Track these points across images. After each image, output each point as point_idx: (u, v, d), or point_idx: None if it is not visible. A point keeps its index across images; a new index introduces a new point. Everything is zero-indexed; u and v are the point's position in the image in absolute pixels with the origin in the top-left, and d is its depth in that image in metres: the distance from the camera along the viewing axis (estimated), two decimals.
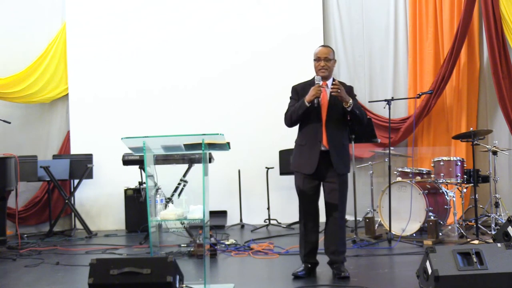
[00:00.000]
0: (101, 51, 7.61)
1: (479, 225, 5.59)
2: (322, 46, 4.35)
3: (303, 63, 7.56)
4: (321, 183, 4.24)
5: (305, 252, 4.30)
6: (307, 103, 4.10)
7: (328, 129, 4.15)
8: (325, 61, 4.20)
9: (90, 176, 7.21)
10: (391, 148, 6.02)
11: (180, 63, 7.64)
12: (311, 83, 4.24)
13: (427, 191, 5.81)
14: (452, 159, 5.94)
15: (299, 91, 4.29)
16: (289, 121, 4.27)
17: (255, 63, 7.64)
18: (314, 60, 4.26)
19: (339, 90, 4.04)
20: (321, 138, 4.14)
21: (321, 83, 4.13)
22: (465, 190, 6.11)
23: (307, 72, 7.55)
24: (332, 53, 4.26)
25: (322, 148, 4.13)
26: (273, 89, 7.60)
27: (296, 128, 7.72)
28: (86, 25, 7.62)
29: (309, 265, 4.31)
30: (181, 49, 7.66)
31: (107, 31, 7.63)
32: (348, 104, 4.07)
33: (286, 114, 4.30)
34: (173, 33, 7.64)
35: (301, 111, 4.14)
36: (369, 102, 7.38)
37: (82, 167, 7.07)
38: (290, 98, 4.37)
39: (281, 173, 7.32)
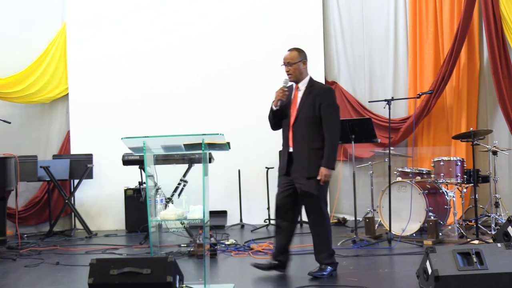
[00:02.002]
0: (101, 51, 7.61)
1: (479, 225, 5.59)
2: (288, 50, 4.36)
3: None
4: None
5: (274, 250, 4.42)
6: (273, 107, 4.21)
7: (294, 132, 4.21)
8: (288, 65, 4.27)
9: (90, 176, 7.21)
10: (391, 148, 6.02)
11: (180, 63, 7.63)
12: (293, 87, 4.34)
13: (427, 191, 5.81)
14: (452, 159, 5.94)
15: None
16: (269, 122, 4.40)
17: (255, 63, 7.62)
18: (282, 65, 4.33)
19: (323, 183, 4.15)
20: (288, 141, 4.25)
21: (288, 85, 4.22)
22: (465, 190, 6.11)
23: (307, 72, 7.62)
24: (298, 56, 4.27)
25: (290, 150, 4.23)
26: (273, 90, 7.59)
27: None
28: (86, 25, 7.62)
29: (276, 262, 4.38)
30: (181, 49, 7.65)
31: (107, 31, 7.63)
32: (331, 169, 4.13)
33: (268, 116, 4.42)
34: (173, 33, 7.63)
35: (270, 114, 4.29)
36: (369, 102, 7.38)
37: (82, 167, 7.07)
38: None
39: None
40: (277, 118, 4.31)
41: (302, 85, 4.29)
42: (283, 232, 4.36)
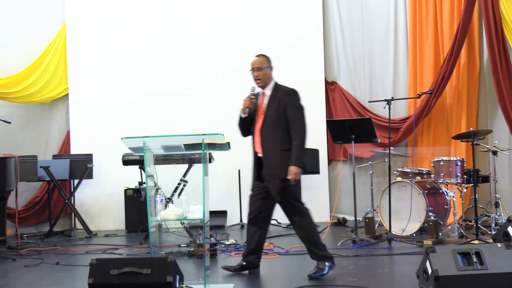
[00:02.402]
0: (101, 51, 7.61)
1: (479, 225, 5.59)
2: (256, 56, 4.41)
3: (303, 63, 7.62)
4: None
5: (245, 251, 4.47)
6: (242, 114, 4.27)
7: (262, 137, 4.26)
8: (257, 71, 4.30)
9: (90, 176, 7.21)
10: (391, 148, 6.02)
11: (180, 63, 7.63)
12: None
13: (427, 191, 5.81)
14: (452, 159, 5.94)
15: None
16: (240, 132, 4.44)
17: None
18: (250, 70, 4.35)
19: (294, 182, 4.18)
20: (256, 145, 4.30)
21: (255, 92, 4.26)
22: (465, 190, 6.11)
23: (307, 72, 7.64)
24: (266, 61, 4.33)
25: (259, 155, 4.27)
26: None
27: None
28: (86, 25, 7.62)
29: (245, 263, 4.43)
30: (182, 49, 7.65)
31: (107, 31, 7.63)
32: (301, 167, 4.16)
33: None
34: (173, 33, 7.63)
35: (239, 122, 4.34)
36: (369, 102, 7.38)
37: (82, 167, 7.07)
38: None
39: None
40: (246, 126, 4.38)
41: (268, 90, 4.36)
42: (255, 235, 4.41)
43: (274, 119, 4.23)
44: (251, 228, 4.41)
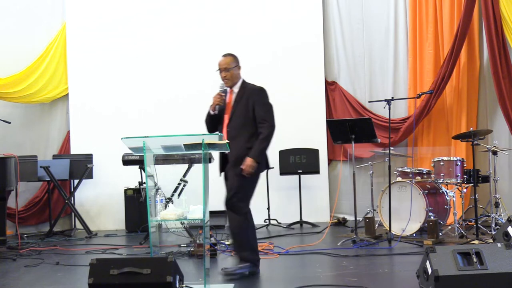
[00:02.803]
0: (101, 51, 7.61)
1: (479, 225, 5.58)
2: (222, 55, 4.41)
3: (303, 63, 7.62)
4: None
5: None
6: (211, 112, 4.28)
7: (229, 133, 4.25)
8: (224, 71, 4.31)
9: (90, 176, 7.21)
10: (391, 148, 6.02)
11: (180, 64, 7.63)
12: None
13: (427, 191, 5.81)
14: (452, 159, 5.94)
15: None
16: (206, 129, 4.42)
17: (254, 64, 7.60)
18: (217, 70, 4.37)
19: (247, 174, 4.17)
20: None
21: (224, 89, 4.29)
22: (465, 190, 6.11)
23: (307, 72, 7.64)
24: (233, 61, 4.34)
25: (226, 152, 4.20)
26: (273, 90, 7.57)
27: (294, 128, 7.74)
28: (86, 25, 7.62)
29: None
30: (182, 50, 7.64)
31: (107, 31, 7.63)
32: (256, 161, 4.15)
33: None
34: (174, 34, 7.62)
35: (207, 118, 4.34)
36: (369, 102, 7.38)
37: (82, 167, 7.07)
38: None
39: (281, 173, 7.33)
40: (214, 123, 4.37)
41: (236, 88, 4.38)
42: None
43: (241, 116, 4.26)
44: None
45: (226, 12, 7.71)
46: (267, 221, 7.15)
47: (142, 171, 6.43)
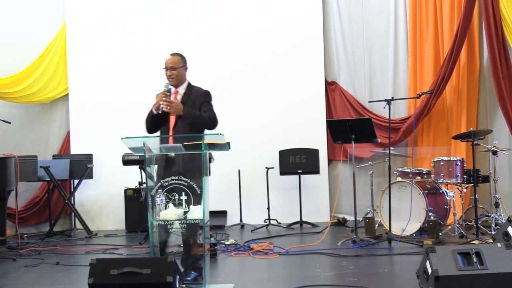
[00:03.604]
0: (101, 51, 7.61)
1: (479, 225, 5.58)
2: (170, 54, 4.37)
3: (303, 63, 7.62)
4: None
5: None
6: (154, 111, 4.16)
7: (176, 135, 4.13)
8: (171, 70, 4.27)
9: (90, 176, 7.20)
10: (391, 148, 6.02)
11: None
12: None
13: (427, 191, 5.81)
14: (452, 159, 5.94)
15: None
16: (146, 128, 4.28)
17: (254, 64, 7.63)
18: (163, 68, 4.32)
19: (168, 107, 4.06)
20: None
21: (169, 89, 4.19)
22: (465, 190, 6.11)
23: (307, 72, 7.64)
24: (180, 61, 4.30)
25: (171, 155, 4.09)
26: (273, 90, 7.62)
27: (294, 128, 7.73)
28: (86, 25, 7.62)
29: None
30: (182, 50, 7.58)
31: (107, 31, 7.63)
32: (181, 114, 4.07)
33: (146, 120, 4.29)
34: (174, 33, 7.61)
35: (149, 118, 4.22)
36: (369, 102, 7.38)
37: (82, 167, 7.07)
38: None
39: (281, 173, 7.33)
40: (156, 123, 4.25)
41: (182, 89, 4.31)
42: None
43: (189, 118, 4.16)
44: None
45: (226, 12, 7.71)
46: (267, 221, 7.16)
47: (142, 171, 6.43)
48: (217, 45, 7.66)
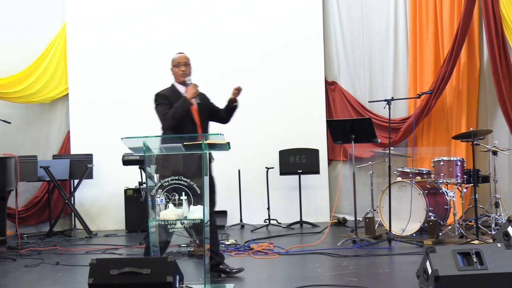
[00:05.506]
0: (101, 51, 7.60)
1: (479, 225, 5.58)
2: (180, 53, 4.50)
3: (303, 63, 7.62)
4: None
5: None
6: (194, 102, 4.26)
7: (203, 131, 4.30)
8: (185, 66, 4.38)
9: (90, 176, 7.20)
10: (391, 148, 6.02)
11: None
12: (173, 89, 4.39)
13: (427, 191, 5.81)
14: (452, 159, 5.94)
15: (169, 97, 4.34)
16: (173, 121, 4.28)
17: (254, 64, 7.63)
18: (174, 66, 4.42)
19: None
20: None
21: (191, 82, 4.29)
22: (465, 190, 6.11)
23: (307, 72, 7.63)
24: (189, 59, 4.48)
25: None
26: (273, 90, 7.61)
27: (294, 128, 7.72)
28: (86, 25, 7.61)
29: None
30: (182, 49, 7.60)
31: (107, 31, 7.62)
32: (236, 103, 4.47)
33: (165, 116, 4.31)
34: (174, 33, 7.61)
35: (187, 108, 4.23)
36: (369, 102, 7.38)
37: (82, 167, 7.07)
38: (158, 104, 4.38)
39: (281, 173, 7.33)
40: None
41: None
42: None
43: (207, 114, 4.43)
44: None
45: (226, 11, 7.71)
46: (267, 221, 7.16)
47: (142, 171, 6.43)
48: (217, 44, 7.66)
